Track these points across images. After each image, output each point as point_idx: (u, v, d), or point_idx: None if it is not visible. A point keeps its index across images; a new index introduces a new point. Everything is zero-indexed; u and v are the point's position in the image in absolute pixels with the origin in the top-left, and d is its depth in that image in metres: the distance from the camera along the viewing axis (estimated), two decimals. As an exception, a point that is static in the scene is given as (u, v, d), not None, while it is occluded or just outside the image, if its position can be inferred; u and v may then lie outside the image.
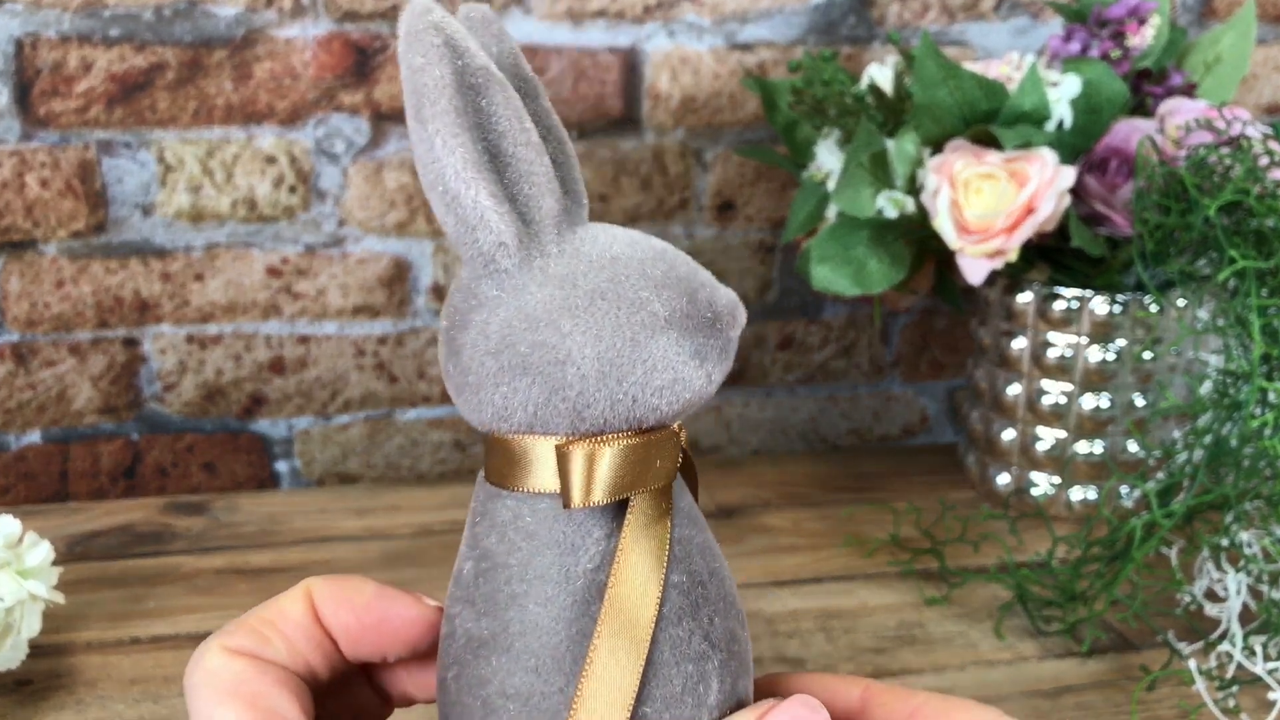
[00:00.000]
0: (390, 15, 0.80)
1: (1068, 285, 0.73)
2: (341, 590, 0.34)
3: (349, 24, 0.79)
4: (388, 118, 0.81)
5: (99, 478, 0.83)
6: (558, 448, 0.31)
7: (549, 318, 0.31)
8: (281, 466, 0.86)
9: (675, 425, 0.33)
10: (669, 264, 0.32)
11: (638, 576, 0.31)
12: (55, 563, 0.60)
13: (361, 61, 0.80)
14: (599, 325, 0.31)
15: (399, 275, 0.84)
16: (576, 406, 0.31)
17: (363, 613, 0.34)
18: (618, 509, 0.32)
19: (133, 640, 0.61)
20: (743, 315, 0.33)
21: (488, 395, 0.31)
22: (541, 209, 0.32)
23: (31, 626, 0.56)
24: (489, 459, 0.33)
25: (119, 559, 0.70)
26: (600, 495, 0.31)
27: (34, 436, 0.82)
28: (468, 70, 0.30)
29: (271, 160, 0.80)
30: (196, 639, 0.61)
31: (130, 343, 0.82)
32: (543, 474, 0.31)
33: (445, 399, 0.87)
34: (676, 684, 0.31)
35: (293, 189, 0.81)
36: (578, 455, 0.31)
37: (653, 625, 0.30)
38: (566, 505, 0.31)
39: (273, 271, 0.82)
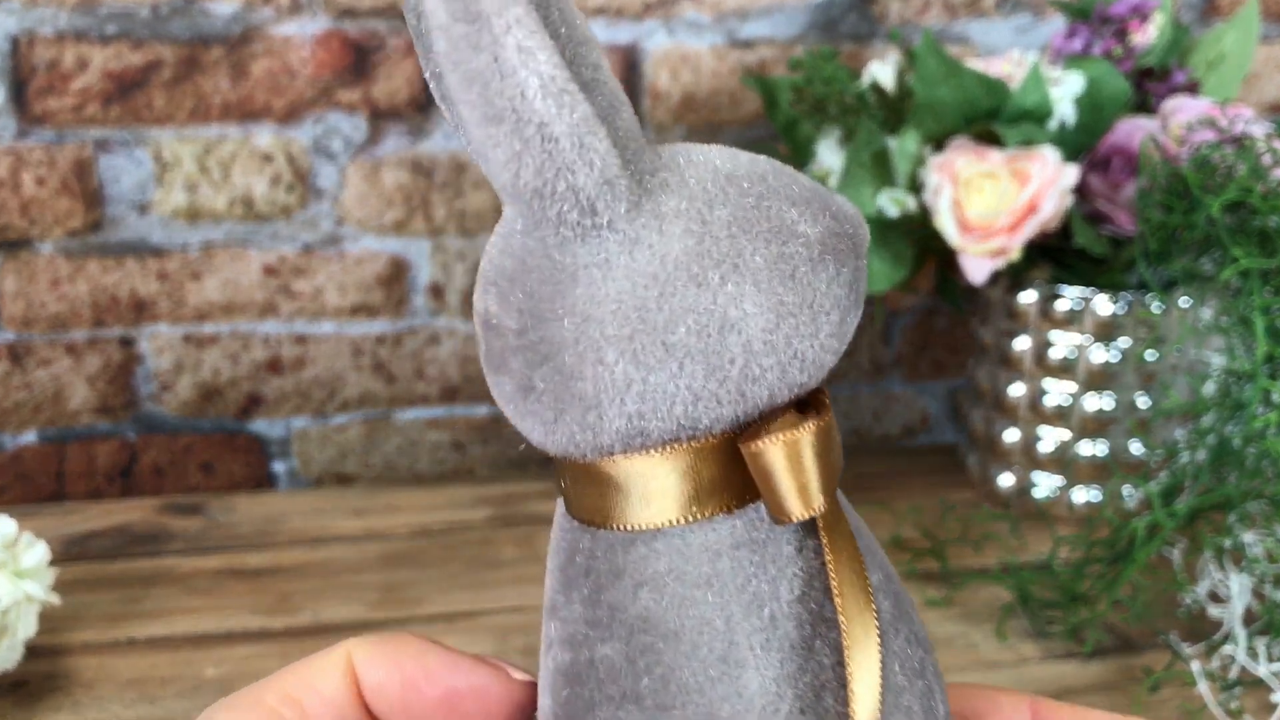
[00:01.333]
0: (388, 12, 0.79)
1: (1070, 284, 0.72)
2: (393, 655, 0.27)
3: (347, 21, 0.79)
4: (386, 116, 0.81)
5: (95, 478, 0.83)
6: (748, 450, 0.24)
7: (688, 272, 0.24)
8: (279, 467, 0.86)
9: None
10: (787, 172, 0.26)
11: (857, 591, 0.24)
12: (51, 563, 0.60)
13: (360, 59, 0.80)
14: (753, 268, 0.24)
15: (397, 275, 0.84)
16: (741, 386, 0.24)
17: (423, 685, 0.27)
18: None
19: (129, 641, 0.61)
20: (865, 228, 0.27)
21: (613, 407, 0.24)
22: (634, 135, 0.25)
23: (28, 628, 0.56)
24: (604, 497, 0.25)
25: (115, 560, 0.70)
26: (819, 497, 0.24)
27: (30, 436, 0.82)
28: None
29: (269, 159, 0.80)
30: (193, 640, 0.61)
31: (126, 342, 0.81)
32: (711, 493, 0.24)
33: (444, 398, 0.87)
34: (917, 709, 0.25)
35: (290, 188, 0.81)
36: (776, 451, 0.24)
37: (877, 633, 0.24)
38: (782, 520, 0.24)
39: (270, 271, 0.82)
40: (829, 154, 0.74)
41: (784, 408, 0.25)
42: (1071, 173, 0.66)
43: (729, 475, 0.24)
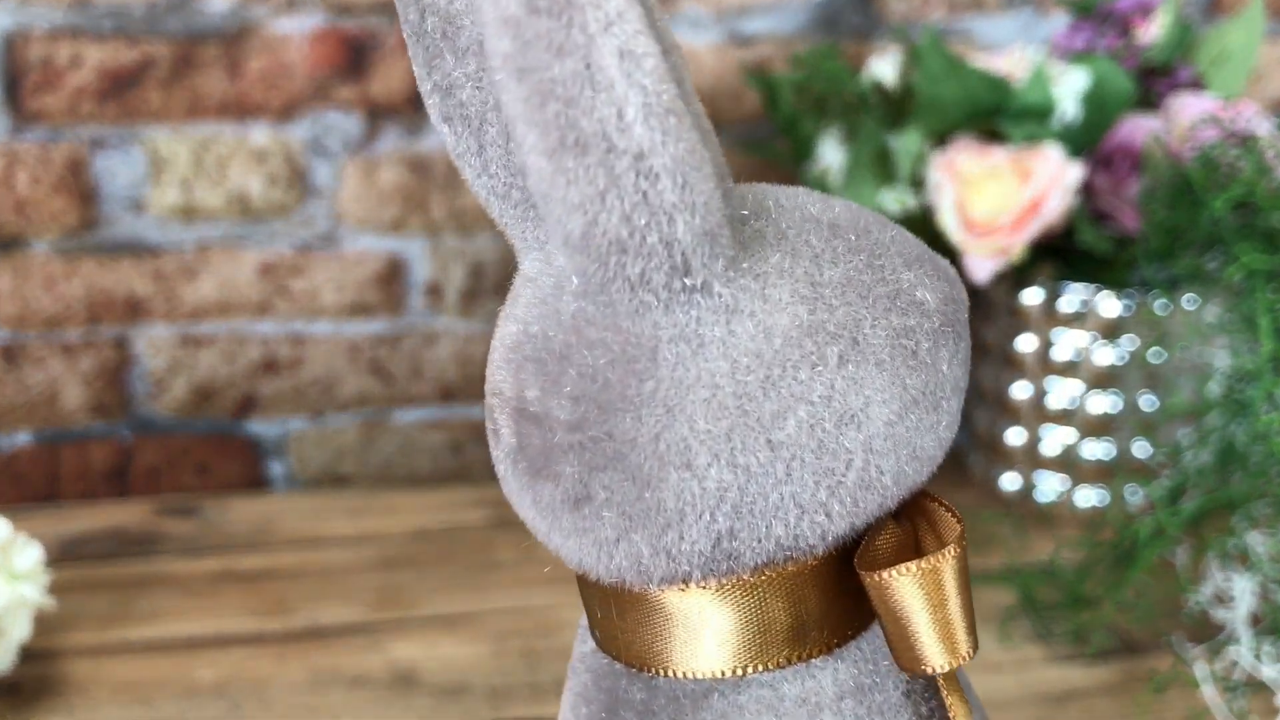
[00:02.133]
0: (385, 9, 0.79)
1: (1074, 283, 0.72)
2: None
3: (343, 18, 0.79)
4: (383, 113, 0.81)
5: (90, 479, 0.83)
6: (874, 581, 0.19)
7: (800, 350, 0.19)
8: (275, 468, 0.86)
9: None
10: (890, 225, 0.22)
11: None
12: (46, 566, 0.60)
13: (356, 56, 0.79)
14: (874, 345, 0.19)
15: (394, 273, 0.83)
16: (855, 495, 0.19)
17: None
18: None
19: (124, 644, 0.61)
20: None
21: (699, 523, 0.19)
22: (724, 173, 0.20)
23: (21, 630, 0.56)
24: (669, 636, 0.19)
25: (110, 562, 0.70)
26: (967, 641, 0.20)
27: (24, 437, 0.81)
28: None
29: (265, 157, 0.80)
30: (188, 643, 0.61)
31: (121, 342, 0.81)
32: (810, 630, 0.19)
33: (441, 399, 0.86)
34: None
35: (286, 186, 0.81)
36: (910, 584, 0.19)
37: None
38: (917, 672, 0.19)
39: (266, 270, 0.82)
40: (830, 152, 0.73)
41: (888, 519, 0.21)
42: (1075, 171, 0.66)
43: (831, 606, 0.20)
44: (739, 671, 0.19)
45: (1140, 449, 0.74)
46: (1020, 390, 0.75)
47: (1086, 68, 0.69)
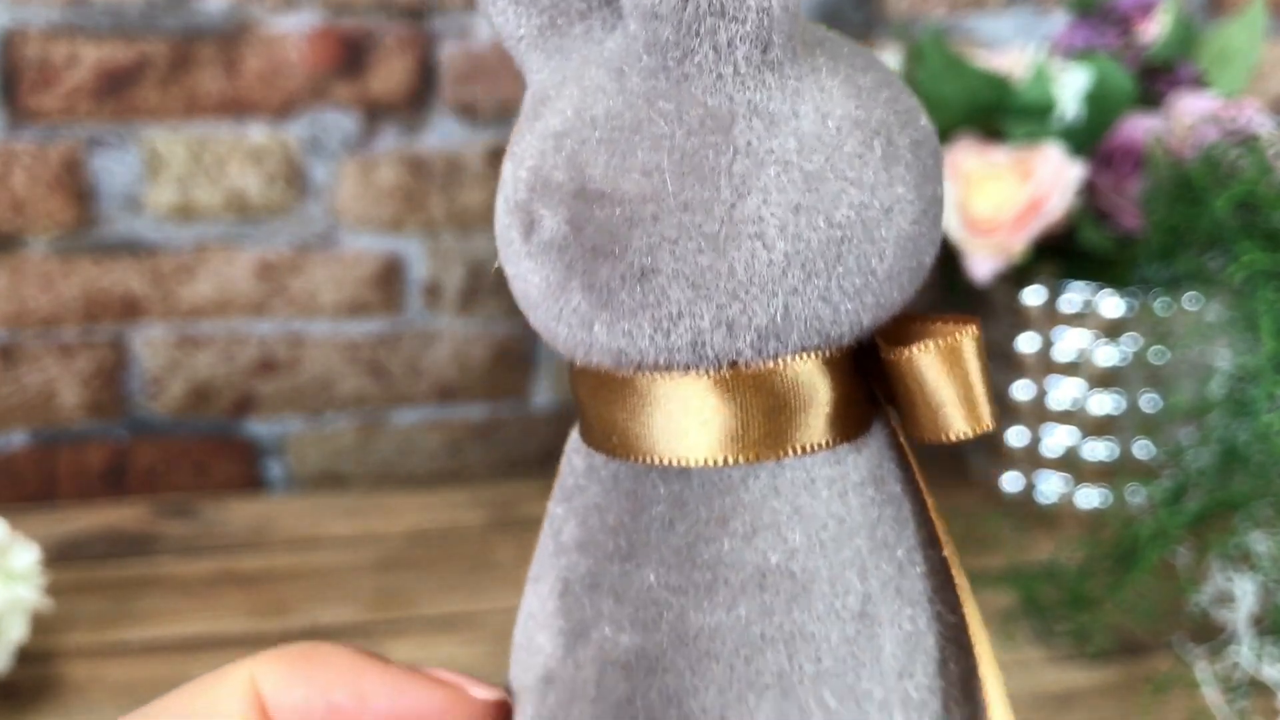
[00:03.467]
0: (383, 7, 0.79)
1: (1075, 283, 0.72)
2: (314, 677, 0.22)
3: (341, 16, 0.79)
4: (380, 112, 0.81)
5: (86, 480, 0.83)
6: (901, 358, 0.21)
7: (855, 139, 0.20)
8: (272, 468, 0.86)
9: None
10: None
11: (953, 542, 0.23)
12: (42, 566, 0.60)
13: (354, 55, 0.79)
14: (901, 147, 0.21)
15: (392, 273, 0.83)
16: (883, 287, 0.21)
17: (355, 713, 0.22)
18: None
19: (121, 645, 0.61)
20: None
21: (763, 297, 0.20)
22: None
23: (18, 631, 0.56)
24: (711, 425, 0.21)
25: (107, 563, 0.70)
26: (987, 410, 0.22)
27: (20, 438, 0.81)
28: None
29: (262, 156, 0.80)
30: (185, 644, 0.61)
31: (118, 342, 0.81)
32: (840, 417, 0.21)
33: (439, 399, 0.86)
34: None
35: (284, 185, 0.81)
36: (932, 360, 0.21)
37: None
38: (940, 439, 0.21)
39: (263, 269, 0.82)
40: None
41: (901, 316, 0.22)
42: (1077, 170, 0.66)
43: (855, 397, 0.21)
44: (778, 454, 0.20)
45: (1142, 449, 0.74)
46: (1021, 390, 0.75)
47: (1087, 66, 0.69)
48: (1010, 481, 0.77)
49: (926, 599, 0.22)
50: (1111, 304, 0.71)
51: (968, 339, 0.21)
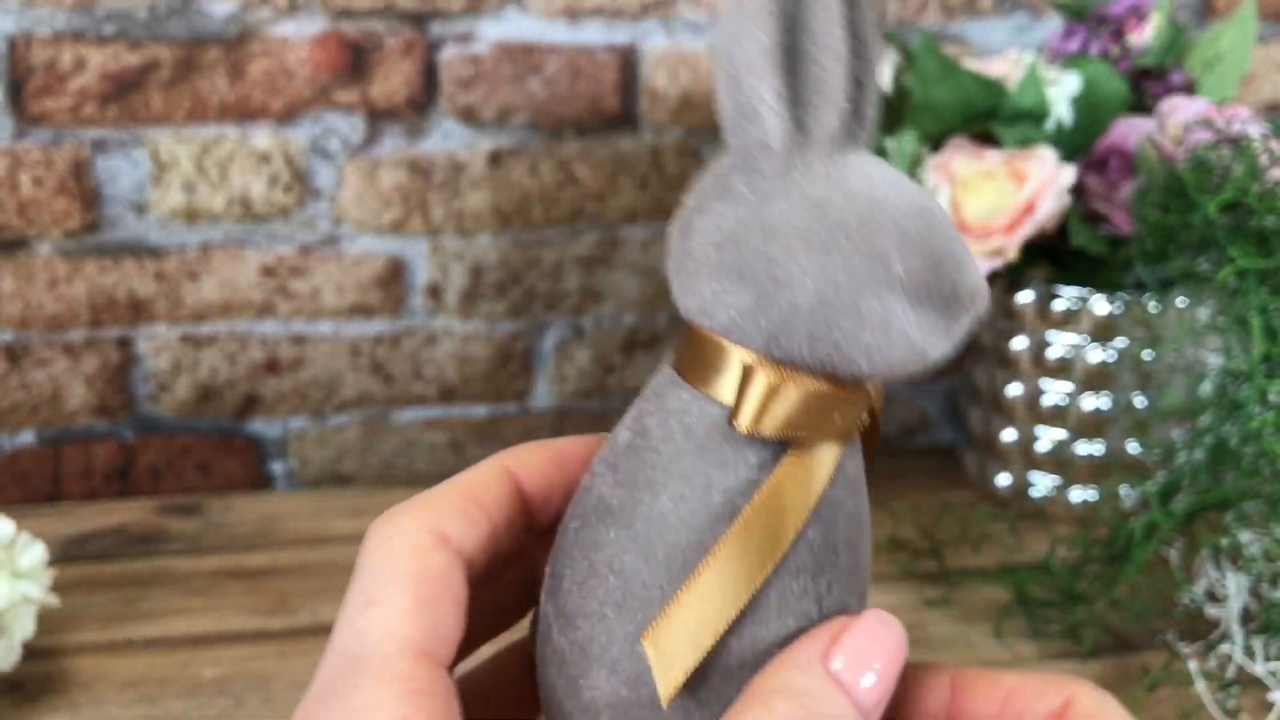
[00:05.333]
0: (385, 13, 0.80)
1: (1068, 284, 0.73)
2: (559, 462, 0.32)
3: (344, 21, 0.79)
4: (383, 116, 0.81)
5: (93, 479, 0.83)
6: (745, 365, 0.29)
7: (785, 236, 0.28)
8: (276, 467, 0.86)
9: (871, 386, 0.31)
10: (928, 224, 0.29)
11: (774, 517, 0.29)
12: (49, 564, 0.60)
13: (357, 59, 0.80)
14: (830, 263, 0.28)
15: (395, 274, 0.84)
16: (776, 331, 0.29)
17: (565, 463, 0.32)
18: (783, 447, 0.30)
19: (127, 642, 0.61)
20: (984, 303, 0.31)
21: (701, 284, 0.29)
22: (821, 122, 0.29)
23: (25, 629, 0.56)
24: (682, 349, 0.31)
25: (113, 560, 0.70)
26: (769, 429, 0.29)
27: (27, 437, 0.82)
28: None
29: (266, 159, 0.80)
30: (191, 641, 0.61)
31: (124, 343, 0.81)
32: (725, 383, 0.29)
33: (442, 399, 0.87)
34: (771, 631, 0.29)
35: (288, 188, 0.81)
36: (761, 381, 0.29)
37: (771, 567, 0.28)
38: (730, 423, 0.29)
39: (267, 271, 0.82)
40: (827, 154, 0.74)
41: (822, 377, 0.29)
42: (1069, 173, 0.67)
43: (728, 374, 0.29)
44: (704, 391, 0.30)
45: (1135, 448, 0.74)
46: (1014, 390, 0.76)
47: (1080, 71, 0.70)
48: (1004, 480, 0.77)
49: (711, 518, 0.29)
50: (1103, 305, 0.71)
51: (791, 387, 0.29)
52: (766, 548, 0.28)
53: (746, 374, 0.29)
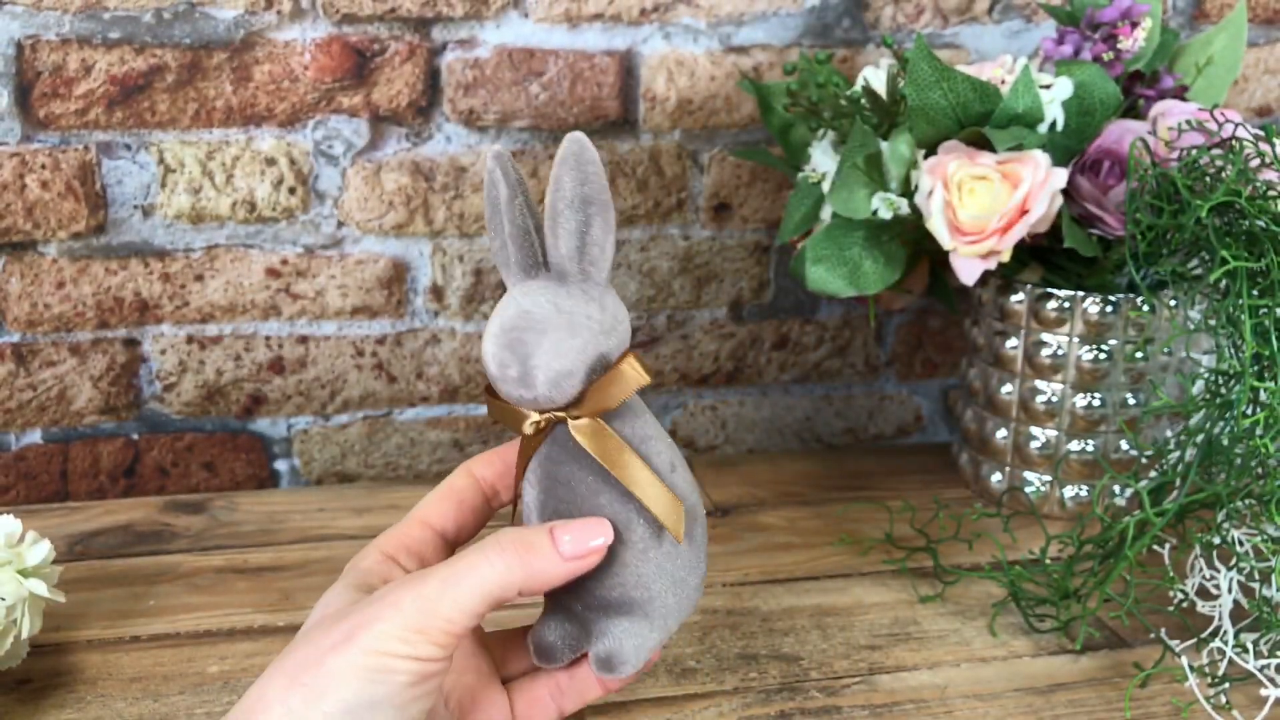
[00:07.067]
0: (388, 18, 0.80)
1: (1060, 286, 0.73)
2: (493, 457, 0.48)
3: (348, 26, 0.80)
4: (386, 119, 0.82)
5: (99, 477, 0.84)
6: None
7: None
8: (281, 466, 0.86)
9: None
10: (521, 325, 0.43)
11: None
12: (55, 562, 0.61)
13: (360, 64, 0.80)
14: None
15: (397, 276, 0.84)
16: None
17: (509, 461, 0.47)
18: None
19: (133, 639, 0.61)
20: (544, 384, 0.42)
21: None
22: (508, 262, 0.44)
23: (32, 625, 0.56)
24: None
25: (119, 558, 0.70)
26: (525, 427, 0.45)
27: (34, 436, 0.82)
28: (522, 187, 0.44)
29: (271, 162, 0.81)
30: (196, 637, 0.62)
31: (130, 343, 0.82)
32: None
33: (443, 398, 0.87)
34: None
35: (292, 190, 0.82)
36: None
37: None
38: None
39: (272, 272, 0.83)
40: (823, 157, 0.74)
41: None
42: (1061, 175, 0.67)
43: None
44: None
45: (1126, 446, 0.74)
46: (1008, 389, 0.76)
47: (1073, 75, 0.70)
48: (998, 478, 0.78)
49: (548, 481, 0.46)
50: (1095, 306, 0.72)
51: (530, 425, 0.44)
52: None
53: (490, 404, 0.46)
